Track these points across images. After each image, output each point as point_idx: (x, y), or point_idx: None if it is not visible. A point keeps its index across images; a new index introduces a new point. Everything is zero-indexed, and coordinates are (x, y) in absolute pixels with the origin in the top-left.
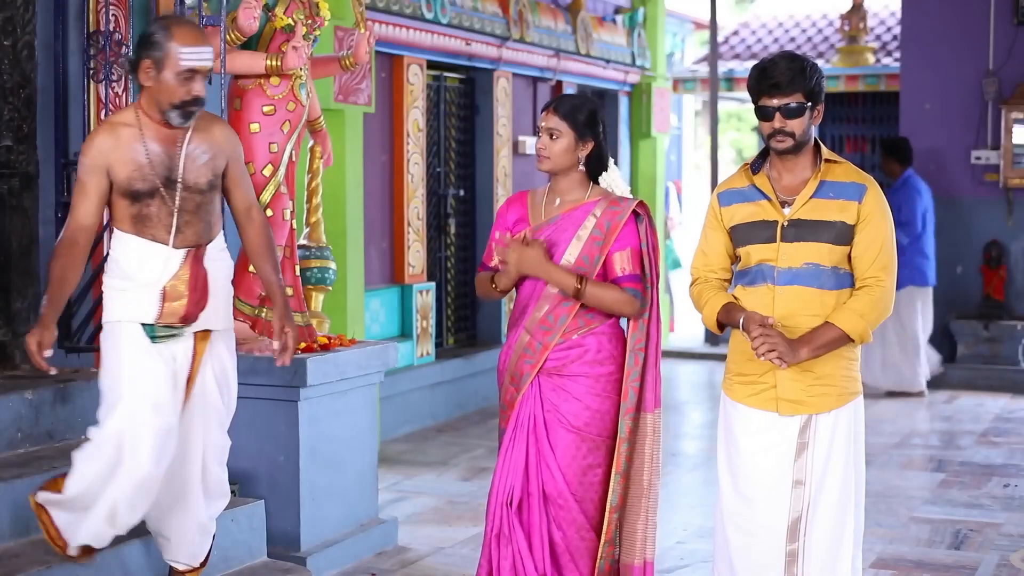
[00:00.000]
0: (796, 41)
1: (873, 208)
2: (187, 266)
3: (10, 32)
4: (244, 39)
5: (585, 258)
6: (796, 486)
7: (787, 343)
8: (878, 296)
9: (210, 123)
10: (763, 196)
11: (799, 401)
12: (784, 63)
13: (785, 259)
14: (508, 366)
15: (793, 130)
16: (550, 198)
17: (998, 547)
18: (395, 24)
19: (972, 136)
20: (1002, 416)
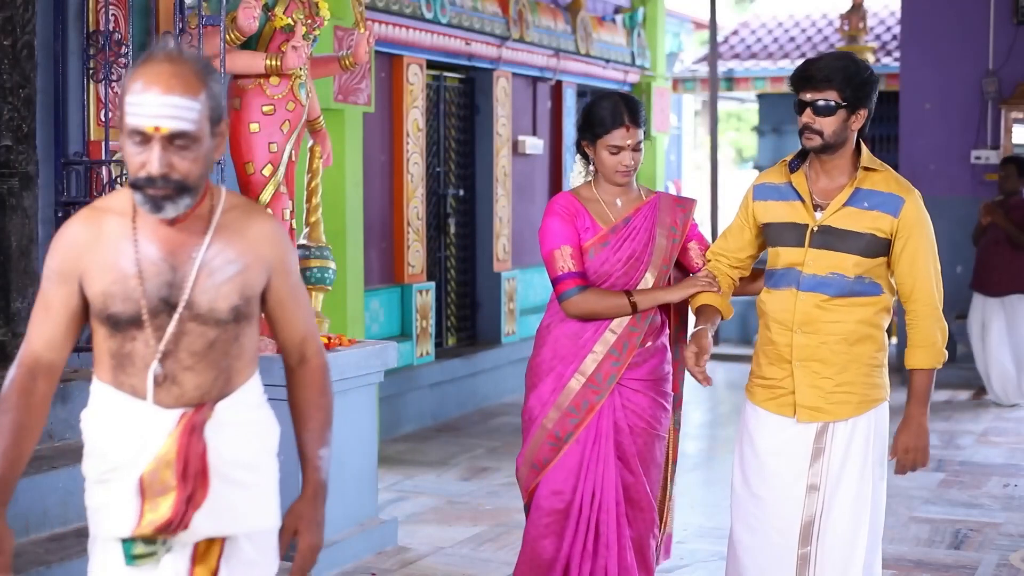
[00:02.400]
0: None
1: (912, 222)
2: (176, 438)
3: (10, 32)
4: (244, 39)
5: (667, 255)
6: (810, 491)
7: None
8: (930, 316)
9: (246, 217)
10: (797, 197)
11: (818, 408)
12: (828, 59)
13: (811, 265)
14: (582, 367)
15: (822, 128)
16: (607, 199)
17: (998, 547)
18: (395, 24)
19: (972, 136)
20: (1002, 416)
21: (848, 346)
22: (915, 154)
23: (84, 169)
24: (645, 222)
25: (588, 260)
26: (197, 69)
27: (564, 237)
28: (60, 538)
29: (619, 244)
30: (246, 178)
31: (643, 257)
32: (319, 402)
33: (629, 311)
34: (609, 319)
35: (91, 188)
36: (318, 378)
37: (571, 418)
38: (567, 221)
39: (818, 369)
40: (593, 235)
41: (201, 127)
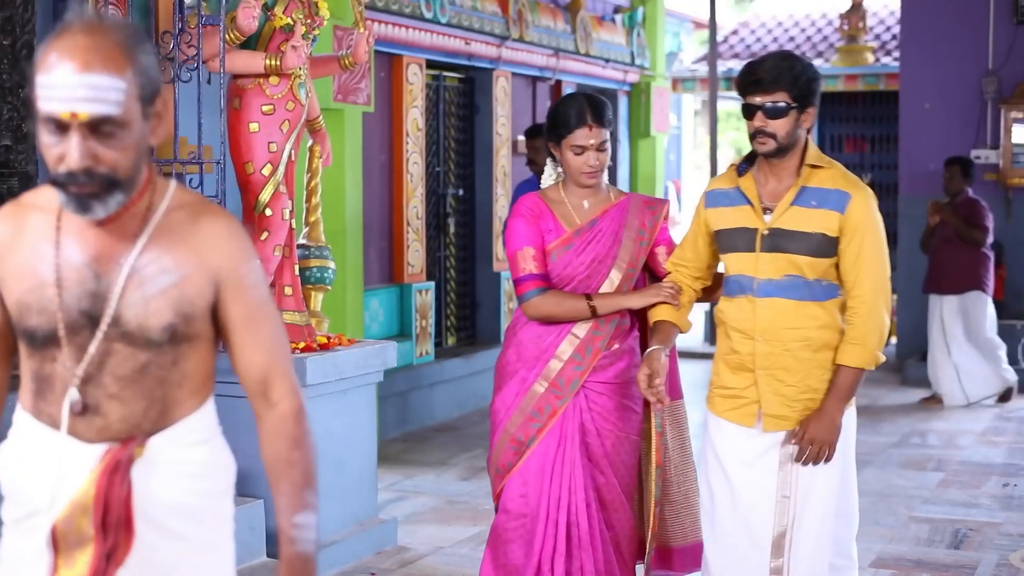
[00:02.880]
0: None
1: (858, 219)
2: (95, 479)
3: (9, 32)
4: (243, 38)
5: (633, 258)
6: (781, 500)
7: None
8: (867, 315)
9: (195, 218)
10: (746, 201)
11: (783, 416)
12: (773, 61)
13: (764, 270)
14: (544, 372)
15: (775, 131)
16: (574, 201)
17: (997, 546)
18: (394, 23)
19: (972, 135)
20: (1002, 415)
21: (811, 352)
22: (915, 154)
23: None
24: (612, 224)
25: (551, 262)
26: (121, 40)
27: (527, 239)
28: None
29: (583, 247)
30: (246, 178)
31: (607, 260)
32: (291, 456)
33: (588, 314)
34: (571, 322)
35: None
36: (288, 427)
37: (533, 423)
38: (531, 223)
39: (782, 377)
40: (557, 237)
41: (129, 109)
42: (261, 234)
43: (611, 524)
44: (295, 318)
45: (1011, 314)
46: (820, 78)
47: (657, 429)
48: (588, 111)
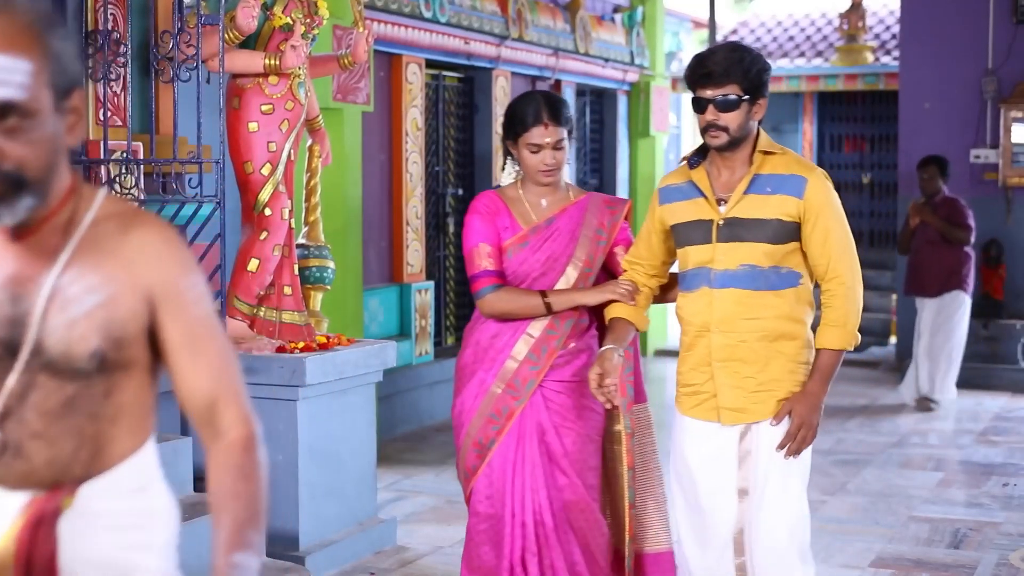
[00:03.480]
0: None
1: (818, 202)
2: (16, 534)
3: None
4: (242, 38)
5: (591, 257)
6: (742, 496)
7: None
8: (845, 296)
9: (125, 228)
10: (700, 193)
11: (740, 409)
12: (722, 53)
13: (721, 260)
14: (501, 372)
15: (727, 124)
16: (532, 199)
17: (997, 546)
18: (394, 23)
19: (971, 135)
20: (1001, 415)
21: (768, 343)
22: (914, 153)
23: (83, 168)
24: (569, 223)
25: (507, 260)
26: (28, 20)
27: (482, 235)
28: None
29: (539, 245)
30: (245, 177)
31: (562, 258)
32: (236, 489)
33: (543, 311)
34: (526, 321)
35: None
36: (236, 458)
37: (492, 425)
38: (487, 220)
39: (739, 369)
40: (512, 235)
41: (36, 97)
42: (260, 234)
43: (576, 524)
44: (295, 318)
45: (1011, 314)
46: (770, 69)
47: (627, 430)
48: (544, 109)
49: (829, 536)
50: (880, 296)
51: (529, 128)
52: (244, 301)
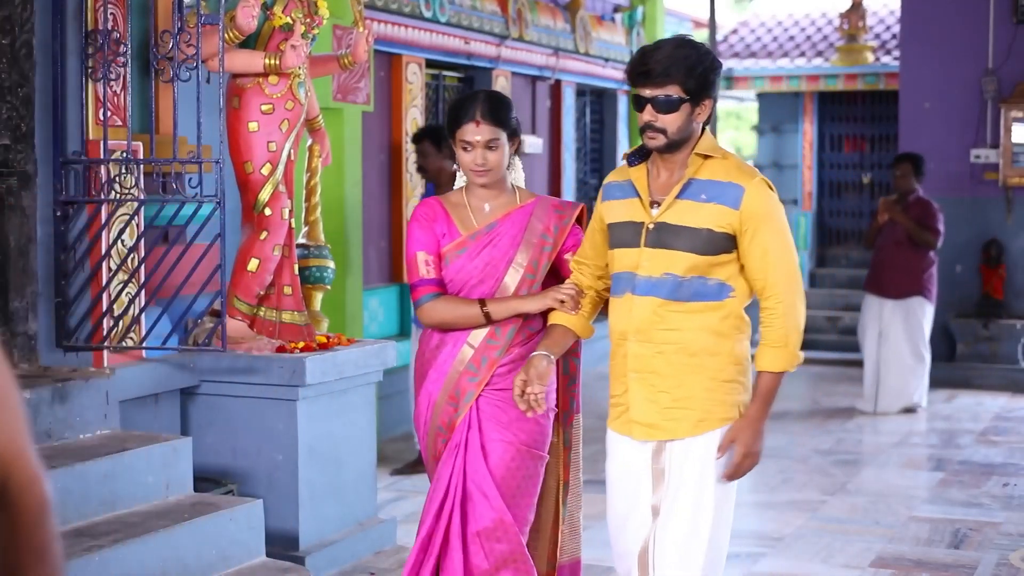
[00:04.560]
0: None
1: (756, 213)
2: None
3: (8, 31)
4: (242, 38)
5: (534, 263)
6: (655, 515)
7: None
8: (784, 315)
9: None
10: (635, 193)
11: (652, 425)
12: (665, 49)
13: (646, 267)
14: (445, 384)
15: (665, 127)
16: (475, 204)
17: (997, 546)
18: (394, 23)
19: (971, 135)
20: (1001, 415)
21: (687, 357)
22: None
23: (83, 168)
24: (512, 228)
25: (445, 267)
26: None
27: (420, 243)
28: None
29: (478, 251)
30: (245, 177)
31: (500, 265)
32: (28, 562)
33: (482, 321)
34: (466, 332)
35: (89, 187)
36: (30, 533)
37: (441, 438)
38: (424, 227)
39: (654, 382)
40: (451, 241)
41: None
42: (260, 233)
43: (491, 552)
44: (295, 318)
45: (1011, 314)
46: (719, 67)
47: (565, 444)
48: (479, 107)
49: (829, 536)
50: None
51: (462, 124)
52: (244, 301)
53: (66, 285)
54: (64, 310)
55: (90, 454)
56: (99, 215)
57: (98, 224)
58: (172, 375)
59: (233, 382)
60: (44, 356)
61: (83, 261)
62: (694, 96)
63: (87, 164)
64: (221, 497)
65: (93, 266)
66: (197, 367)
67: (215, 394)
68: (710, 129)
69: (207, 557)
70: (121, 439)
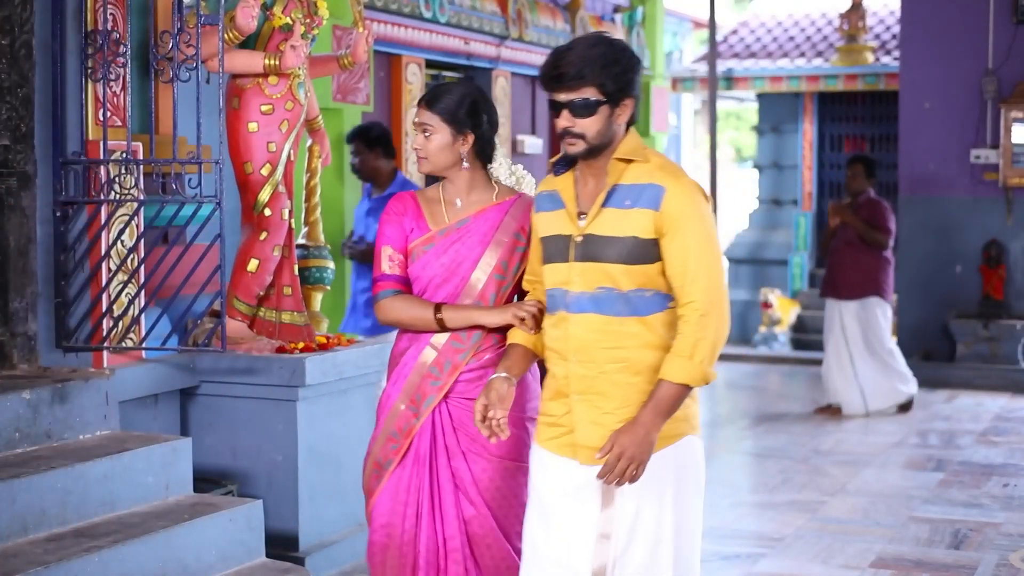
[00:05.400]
0: (795, 40)
1: (676, 214)
2: None
3: (8, 31)
4: (242, 38)
5: (504, 264)
6: (601, 540)
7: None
8: (696, 324)
9: None
10: (563, 204)
11: (599, 448)
12: (579, 49)
13: (577, 282)
14: (404, 387)
15: (584, 131)
16: (448, 199)
17: (997, 547)
18: (393, 23)
19: (971, 135)
20: (1002, 415)
21: (631, 375)
22: (914, 153)
23: (82, 168)
24: (484, 226)
25: (411, 263)
26: None
27: (386, 237)
28: (58, 538)
29: (446, 248)
30: (244, 178)
31: (466, 263)
32: None
33: (435, 326)
34: (430, 332)
35: (89, 188)
36: None
37: (392, 444)
38: (393, 222)
39: (599, 403)
40: (419, 236)
41: None
42: (260, 234)
43: (483, 561)
44: (294, 318)
45: (1011, 314)
46: (638, 64)
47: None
48: (431, 91)
49: (829, 537)
50: None
51: (416, 108)
52: (244, 301)
53: (66, 285)
54: (64, 310)
55: (90, 454)
56: (99, 215)
57: (98, 224)
58: (172, 376)
59: (233, 383)
60: (44, 356)
61: (83, 261)
62: (612, 97)
63: (87, 164)
64: (221, 498)
65: (93, 266)
66: (197, 368)
67: (215, 395)
68: (635, 129)
69: (207, 558)
70: (121, 440)
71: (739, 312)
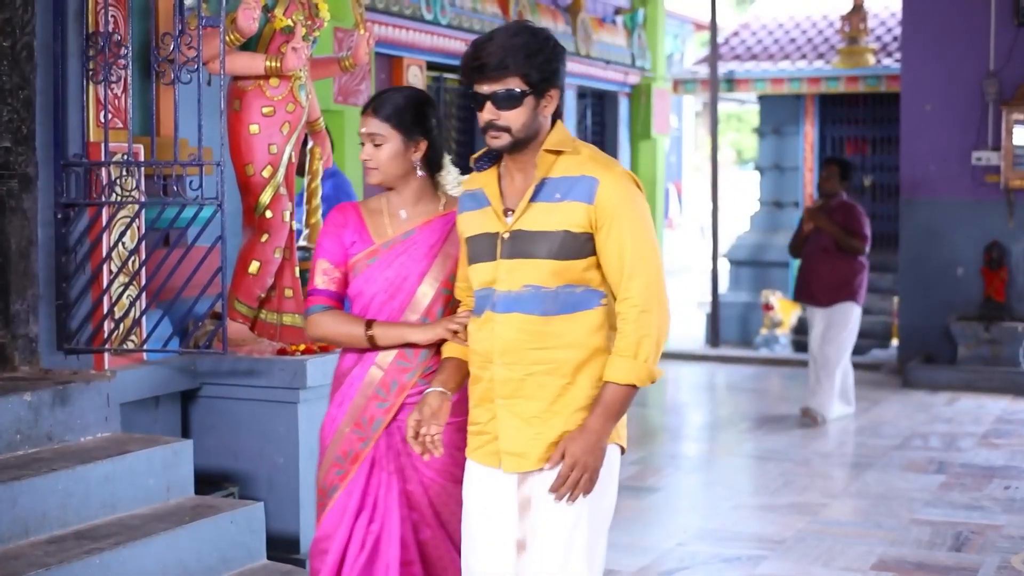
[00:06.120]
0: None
1: (611, 206)
2: None
3: (9, 33)
4: (243, 40)
5: (452, 278)
6: (519, 550)
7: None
8: (637, 321)
9: None
10: (488, 202)
11: (522, 454)
12: (501, 39)
13: (504, 281)
14: (349, 409)
15: (508, 124)
16: (392, 210)
17: (999, 549)
18: (395, 25)
19: (973, 137)
20: (1003, 418)
21: (559, 378)
22: (916, 155)
23: (84, 171)
24: (430, 238)
25: (353, 277)
26: None
27: (324, 250)
28: (59, 540)
29: (390, 261)
30: (246, 180)
31: (412, 277)
32: None
33: (366, 344)
34: (375, 351)
35: (91, 190)
36: None
37: (336, 469)
38: (332, 235)
39: (524, 407)
40: (362, 250)
41: None
42: (261, 236)
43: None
44: (295, 320)
45: (1013, 317)
46: (562, 53)
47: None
48: (376, 99)
49: (831, 539)
50: (881, 299)
51: (361, 116)
52: (245, 303)
53: (67, 287)
54: (65, 312)
55: (91, 457)
56: (100, 218)
57: (99, 227)
58: (173, 378)
59: (234, 385)
60: (45, 359)
61: (84, 264)
62: (537, 88)
63: (88, 167)
64: (222, 500)
65: (94, 269)
66: (198, 370)
67: (216, 397)
68: (561, 121)
69: (208, 560)
70: (122, 442)
71: (740, 314)
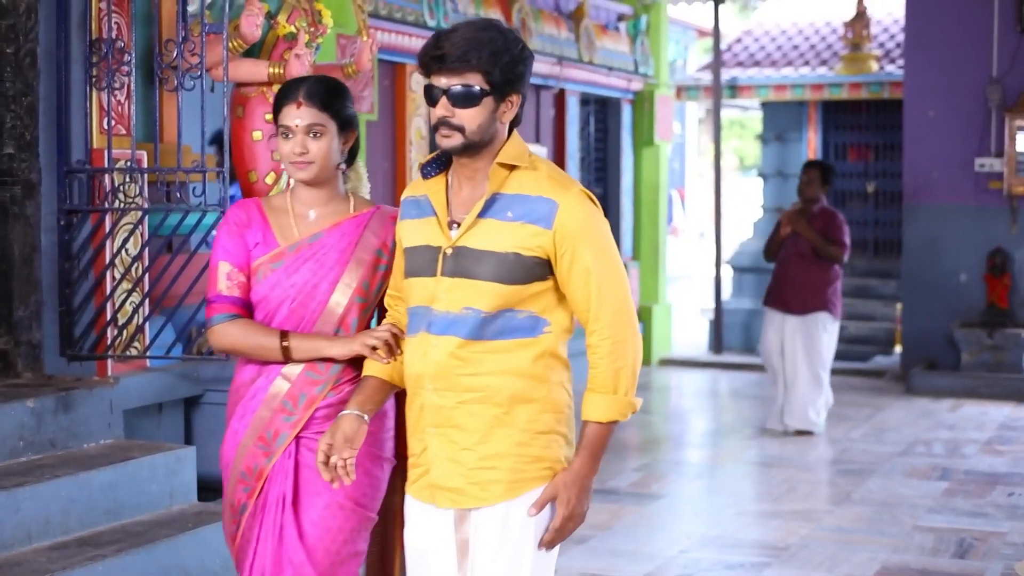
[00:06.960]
0: (799, 49)
1: (572, 231)
2: None
3: (13, 40)
4: (247, 47)
5: (366, 284)
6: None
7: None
8: (610, 353)
9: None
10: (432, 211)
11: (456, 490)
12: (466, 31)
13: (444, 300)
14: (252, 423)
15: (463, 123)
16: (299, 210)
17: (1002, 556)
18: (398, 32)
19: (976, 143)
20: (1007, 424)
21: (494, 407)
22: (919, 162)
23: (87, 177)
24: (341, 241)
25: (256, 282)
26: None
27: (224, 252)
28: (62, 547)
29: (298, 266)
30: (249, 186)
31: (323, 284)
32: None
33: (279, 357)
34: (280, 362)
35: (93, 196)
36: None
37: (243, 486)
38: (234, 234)
39: (456, 438)
40: (265, 252)
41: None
42: None
43: None
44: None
45: (1016, 323)
46: (529, 58)
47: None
48: (304, 87)
49: (834, 546)
50: (884, 305)
51: (282, 107)
52: None
53: (70, 294)
54: (68, 319)
55: (94, 463)
56: (103, 224)
57: (102, 233)
58: (176, 384)
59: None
60: (48, 365)
61: (87, 270)
62: (499, 89)
63: (91, 173)
64: None
65: (97, 275)
66: (201, 376)
67: (219, 403)
68: (518, 132)
69: (211, 566)
70: (125, 448)
71: (743, 321)
